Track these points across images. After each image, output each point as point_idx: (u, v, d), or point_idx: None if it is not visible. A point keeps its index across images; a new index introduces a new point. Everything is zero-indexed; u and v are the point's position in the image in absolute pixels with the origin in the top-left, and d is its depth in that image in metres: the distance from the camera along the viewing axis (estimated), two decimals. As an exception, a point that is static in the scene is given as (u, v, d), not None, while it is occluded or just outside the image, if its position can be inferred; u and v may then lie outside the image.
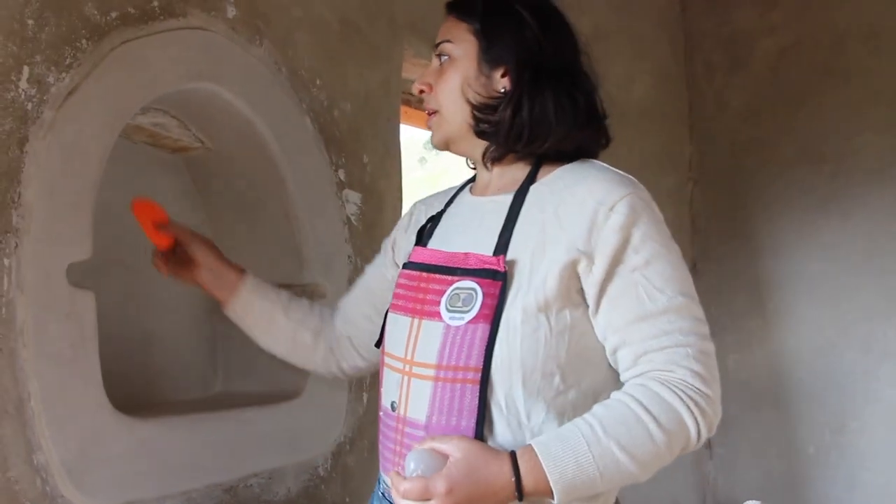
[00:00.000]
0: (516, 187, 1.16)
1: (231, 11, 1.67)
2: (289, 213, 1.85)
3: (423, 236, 1.28)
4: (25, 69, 1.25)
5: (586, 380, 1.09)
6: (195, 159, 1.87)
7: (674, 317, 1.04)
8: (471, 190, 1.28)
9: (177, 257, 1.38)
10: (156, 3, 1.49)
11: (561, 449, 0.99)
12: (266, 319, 1.39)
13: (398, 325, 1.16)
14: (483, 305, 1.06)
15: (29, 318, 1.23)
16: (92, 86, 1.36)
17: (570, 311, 1.07)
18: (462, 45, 1.18)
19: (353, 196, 2.03)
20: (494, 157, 1.20)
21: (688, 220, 3.34)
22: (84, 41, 1.35)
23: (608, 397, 1.06)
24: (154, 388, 1.78)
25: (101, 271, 1.66)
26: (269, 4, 1.79)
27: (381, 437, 1.17)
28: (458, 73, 1.18)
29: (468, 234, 1.18)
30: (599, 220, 1.06)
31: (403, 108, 2.37)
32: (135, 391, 1.71)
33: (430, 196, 1.40)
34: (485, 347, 1.05)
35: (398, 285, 1.20)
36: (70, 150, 1.32)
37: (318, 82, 1.92)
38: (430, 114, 1.22)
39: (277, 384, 1.85)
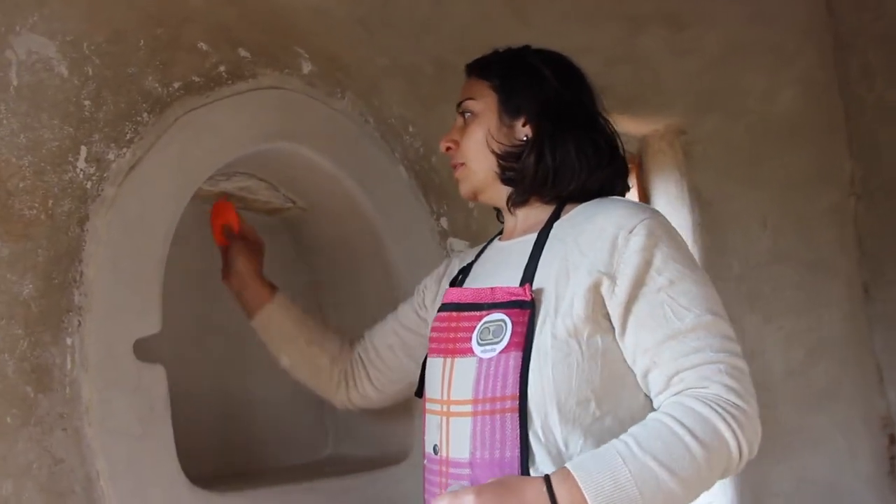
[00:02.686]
0: (541, 227, 1.20)
1: (307, 67, 1.65)
2: (387, 268, 1.78)
3: (455, 285, 1.32)
4: (83, 149, 1.26)
5: (623, 406, 1.09)
6: (292, 220, 1.85)
7: (703, 334, 1.05)
8: (499, 238, 1.33)
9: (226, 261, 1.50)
10: (222, 69, 1.49)
11: (596, 465, 0.98)
12: (285, 338, 1.46)
13: (434, 369, 1.19)
14: (513, 334, 1.08)
15: (93, 395, 1.23)
16: (155, 158, 1.36)
17: (600, 336, 1.08)
18: (483, 101, 1.26)
19: (459, 244, 1.92)
20: (518, 202, 1.25)
21: (853, 242, 2.94)
22: (145, 114, 1.35)
23: None
24: (259, 456, 1.74)
25: (198, 340, 1.67)
26: (350, 56, 1.75)
27: (425, 485, 1.17)
28: (481, 127, 1.25)
29: (496, 275, 1.22)
30: (620, 243, 1.09)
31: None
32: (237, 460, 1.68)
33: (466, 251, 1.47)
34: (519, 374, 1.06)
35: (433, 329, 1.23)
36: (133, 225, 1.31)
37: (410, 129, 1.85)
38: (456, 167, 1.29)
39: (386, 446, 1.77)
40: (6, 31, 1.19)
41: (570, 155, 1.21)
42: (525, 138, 1.23)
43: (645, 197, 2.43)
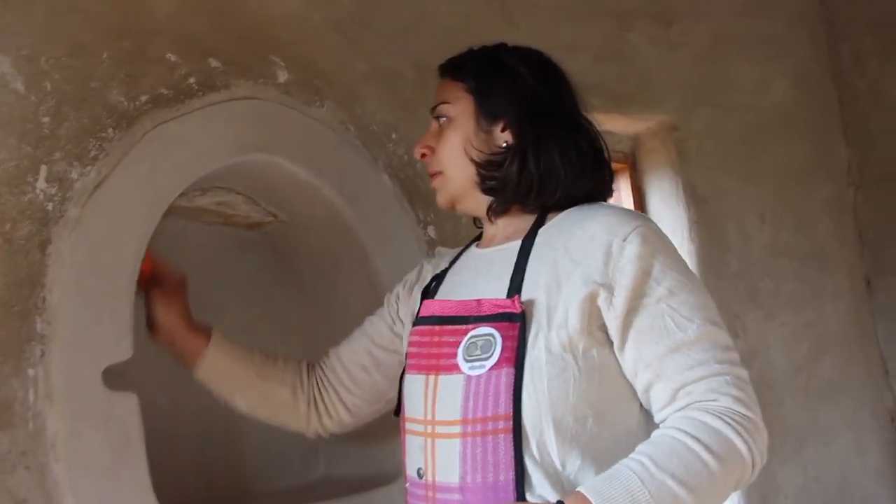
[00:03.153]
0: (523, 235, 1.14)
1: (282, 76, 1.59)
2: (372, 279, 1.72)
3: (427, 294, 1.24)
4: (43, 168, 1.21)
5: (621, 422, 1.05)
6: (274, 234, 1.79)
7: (706, 345, 1.01)
8: (477, 245, 1.25)
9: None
10: (193, 80, 1.43)
11: (613, 488, 0.93)
12: (235, 381, 1.33)
13: (414, 386, 1.12)
14: (504, 349, 1.02)
15: (60, 429, 1.16)
16: (121, 175, 1.30)
17: (596, 349, 1.03)
18: (458, 104, 1.19)
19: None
20: (499, 211, 1.18)
21: (853, 233, 2.87)
22: (111, 130, 1.30)
23: (647, 437, 1.02)
24: (246, 478, 1.68)
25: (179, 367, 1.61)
26: (329, 62, 1.69)
27: None
28: (457, 133, 1.18)
29: (477, 284, 1.15)
30: (614, 251, 1.04)
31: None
32: (222, 482, 1.63)
33: (438, 256, 1.38)
34: (512, 392, 1.01)
35: (410, 343, 1.17)
36: (100, 247, 1.25)
37: (393, 136, 1.79)
38: (432, 175, 1.22)
39: (381, 465, 1.70)
40: (-45, 47, 1.13)
41: (554, 161, 1.14)
42: (505, 145, 1.16)
43: (639, 196, 2.37)
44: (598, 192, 1.20)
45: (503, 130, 1.16)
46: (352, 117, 1.71)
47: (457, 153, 1.18)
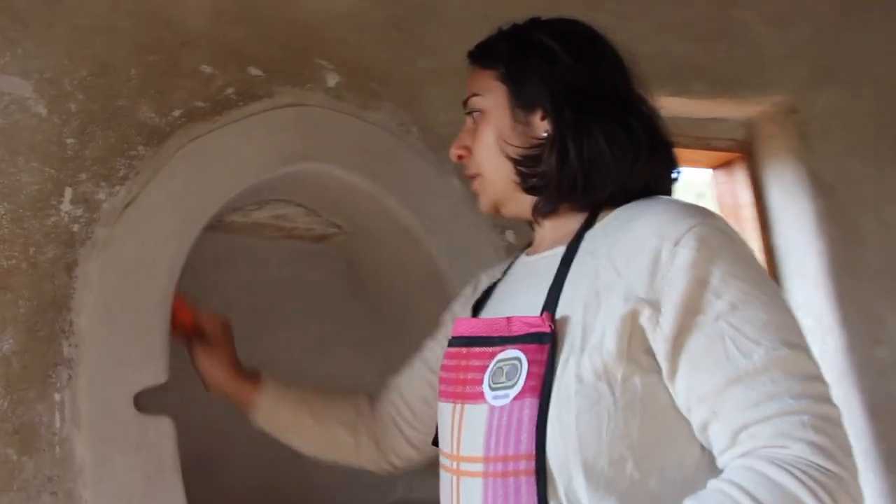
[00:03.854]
0: (571, 238, 0.98)
1: (332, 80, 1.51)
2: (445, 290, 1.60)
3: (477, 310, 1.10)
4: (68, 190, 1.19)
5: (672, 464, 0.85)
6: (343, 245, 1.72)
7: (778, 374, 0.81)
8: (527, 252, 1.10)
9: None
10: (230, 91, 1.38)
11: None
12: (292, 428, 1.25)
13: (444, 416, 0.99)
14: (529, 376, 0.87)
15: (88, 455, 1.14)
16: (153, 193, 1.27)
17: (640, 377, 0.85)
18: (490, 95, 1.04)
19: (529, 258, 1.71)
20: (546, 211, 1.03)
21: None
22: (141, 148, 1.27)
23: (704, 486, 0.82)
24: (320, 499, 1.61)
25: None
26: (387, 62, 1.60)
27: None
28: (491, 128, 1.04)
29: (517, 299, 1.01)
30: (664, 258, 0.85)
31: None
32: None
33: (495, 266, 1.21)
34: (535, 427, 0.85)
35: (442, 368, 1.03)
36: (130, 268, 1.22)
37: (461, 135, 1.67)
38: (471, 178, 1.09)
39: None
40: (-26, 74, 1.14)
41: (599, 148, 0.97)
42: (545, 135, 1.00)
43: (757, 188, 2.09)
44: (657, 182, 1.01)
45: (542, 119, 1.01)
46: (413, 118, 1.61)
47: (493, 151, 1.04)
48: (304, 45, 1.49)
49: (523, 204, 1.05)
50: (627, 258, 0.88)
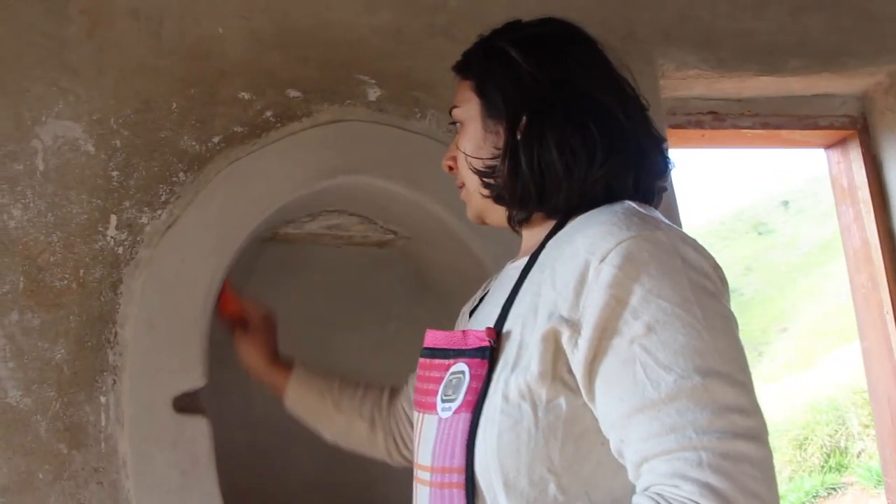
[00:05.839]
0: (536, 248, 0.99)
1: (374, 93, 1.57)
2: (495, 293, 1.62)
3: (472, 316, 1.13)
4: (113, 217, 1.35)
5: (600, 489, 0.84)
6: (406, 250, 1.78)
7: (685, 405, 0.76)
8: (512, 260, 1.11)
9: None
10: (269, 114, 1.48)
11: None
12: (317, 415, 1.34)
13: (414, 425, 1.04)
14: (468, 390, 0.90)
15: (130, 450, 1.30)
16: (193, 214, 1.40)
17: (566, 398, 0.84)
18: (467, 107, 1.07)
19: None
20: (520, 220, 1.04)
21: None
22: (181, 174, 1.41)
23: None
24: (379, 495, 1.69)
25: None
26: (430, 70, 1.62)
27: None
28: (466, 139, 1.06)
29: (485, 309, 1.04)
30: (590, 276, 0.83)
31: (684, 134, 1.90)
32: (353, 500, 1.66)
33: (508, 267, 1.18)
34: (465, 442, 0.87)
35: (416, 377, 1.07)
36: (170, 284, 1.37)
37: (513, 136, 1.66)
38: (460, 188, 1.13)
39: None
40: (32, 123, 1.32)
41: (550, 157, 0.96)
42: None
43: (875, 167, 1.86)
44: (620, 184, 0.97)
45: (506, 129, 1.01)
46: (460, 124, 1.62)
47: (465, 162, 1.07)
48: (342, 63, 1.55)
49: (499, 214, 1.06)
50: (562, 273, 0.87)
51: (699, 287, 0.82)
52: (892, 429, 1.97)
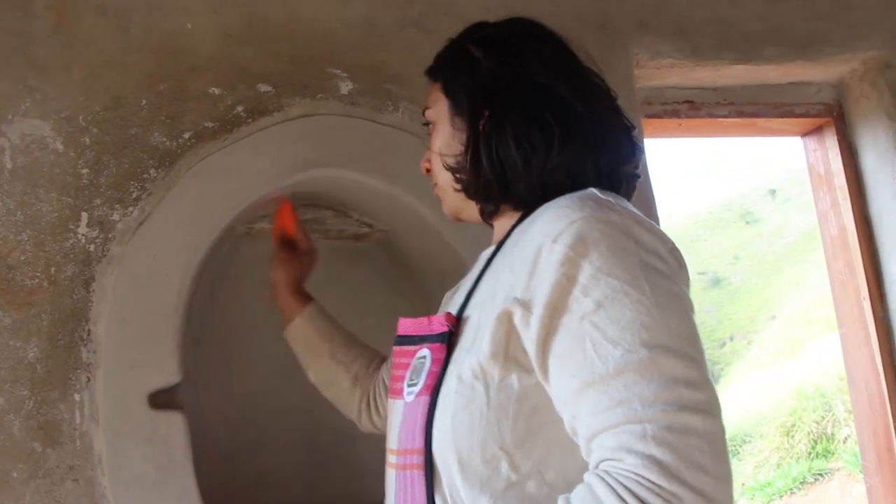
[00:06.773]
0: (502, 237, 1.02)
1: (346, 87, 1.57)
2: (470, 284, 1.62)
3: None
4: (84, 215, 1.35)
5: (553, 468, 0.85)
6: (384, 243, 1.78)
7: (633, 379, 0.76)
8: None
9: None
10: (240, 109, 1.48)
11: None
12: (311, 353, 1.37)
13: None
14: (429, 374, 0.93)
15: (105, 447, 1.29)
16: (165, 211, 1.40)
17: (518, 377, 0.86)
18: (437, 108, 1.10)
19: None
20: (490, 212, 1.06)
21: None
22: (153, 171, 1.40)
23: None
24: (362, 488, 1.70)
25: (285, 371, 1.69)
26: (403, 63, 1.62)
27: None
28: (438, 138, 1.09)
29: (456, 296, 1.08)
30: (543, 257, 0.84)
31: (660, 123, 1.90)
32: (337, 493, 1.66)
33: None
34: (424, 424, 0.90)
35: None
36: (143, 279, 1.36)
37: (487, 128, 1.66)
38: (434, 186, 1.15)
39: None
40: (-2, 122, 1.32)
41: (508, 150, 0.98)
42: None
43: (851, 154, 1.87)
44: (581, 171, 0.97)
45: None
46: (433, 115, 1.62)
47: (437, 160, 1.09)
48: (313, 57, 1.55)
49: (472, 209, 1.08)
50: (519, 257, 0.89)
51: (649, 267, 0.83)
52: (870, 413, 1.99)
